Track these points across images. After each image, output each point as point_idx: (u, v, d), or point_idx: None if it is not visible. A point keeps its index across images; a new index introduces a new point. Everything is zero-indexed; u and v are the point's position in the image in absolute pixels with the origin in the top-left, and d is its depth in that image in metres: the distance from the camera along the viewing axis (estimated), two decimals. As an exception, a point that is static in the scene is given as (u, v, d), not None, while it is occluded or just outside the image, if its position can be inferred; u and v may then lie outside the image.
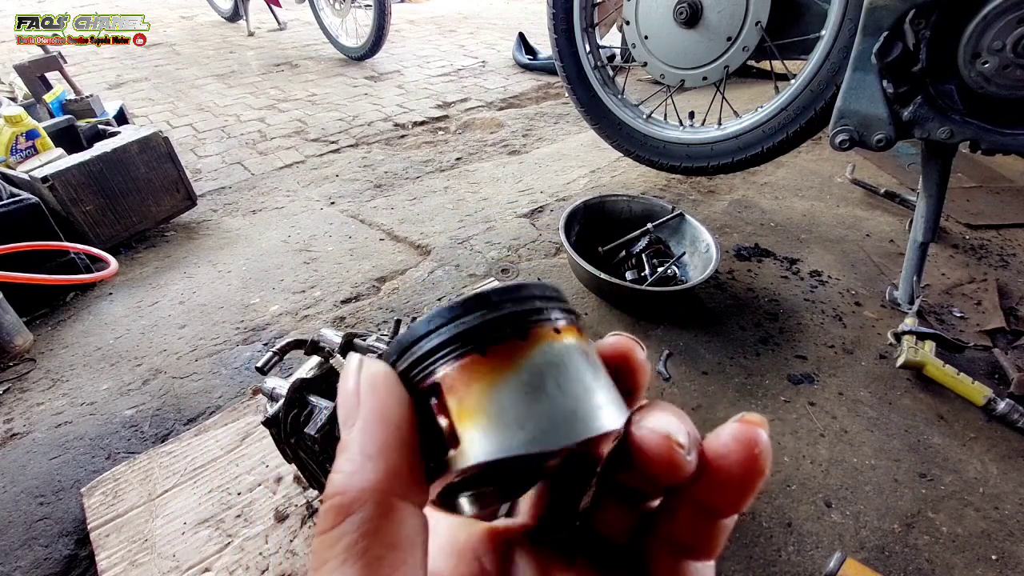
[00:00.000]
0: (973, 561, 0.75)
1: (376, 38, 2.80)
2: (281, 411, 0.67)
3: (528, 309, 0.17)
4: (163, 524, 0.76)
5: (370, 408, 0.16)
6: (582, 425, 0.15)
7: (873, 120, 0.97)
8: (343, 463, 0.15)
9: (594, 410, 0.16)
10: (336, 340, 0.75)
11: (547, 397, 0.16)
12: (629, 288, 1.12)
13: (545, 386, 0.16)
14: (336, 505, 0.15)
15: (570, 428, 0.15)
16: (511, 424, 0.15)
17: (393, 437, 0.16)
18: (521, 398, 0.16)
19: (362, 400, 0.16)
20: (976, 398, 0.95)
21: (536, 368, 0.16)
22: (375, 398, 0.16)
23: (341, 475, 0.15)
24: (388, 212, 1.60)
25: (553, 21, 1.56)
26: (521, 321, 0.17)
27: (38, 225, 1.19)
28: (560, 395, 0.16)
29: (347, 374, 0.17)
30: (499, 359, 0.16)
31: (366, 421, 0.16)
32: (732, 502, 0.17)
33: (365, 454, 0.15)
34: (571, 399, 0.16)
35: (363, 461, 0.15)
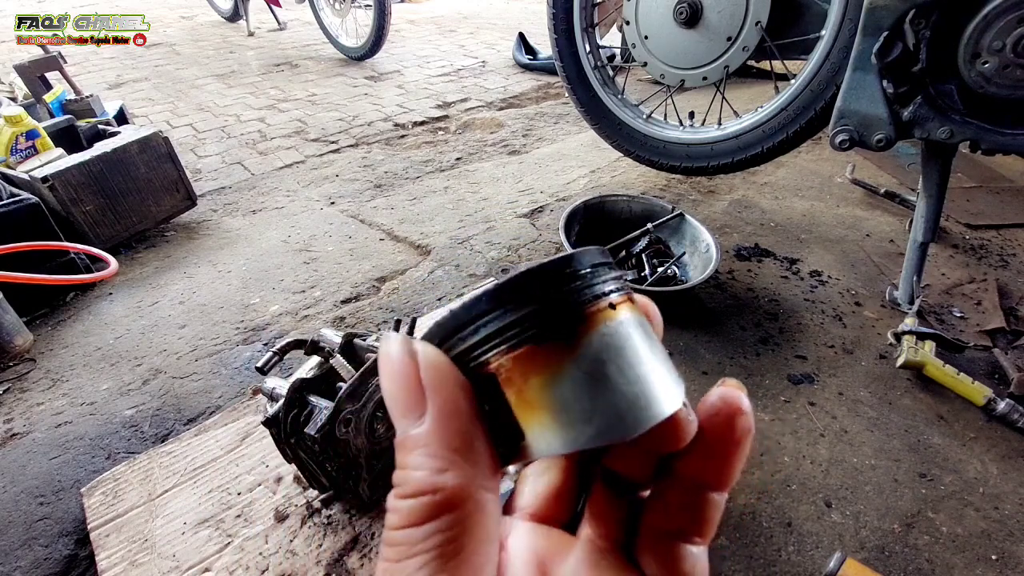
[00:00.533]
0: (973, 561, 0.75)
1: (376, 38, 2.80)
2: (281, 411, 0.67)
3: (582, 287, 0.16)
4: (163, 524, 0.76)
5: (443, 400, 0.15)
6: (646, 412, 0.15)
7: (873, 120, 0.97)
8: (424, 459, 0.15)
9: (656, 393, 0.15)
10: (336, 340, 0.75)
11: (610, 386, 0.15)
12: (629, 288, 1.12)
13: (607, 374, 0.15)
14: (428, 503, 0.14)
15: (636, 417, 0.15)
16: (576, 419, 0.15)
17: (471, 430, 0.15)
18: (584, 390, 0.15)
19: (431, 391, 0.15)
20: (976, 398, 0.95)
21: (596, 355, 0.15)
22: (445, 389, 0.15)
23: (427, 473, 0.14)
24: (388, 212, 1.60)
25: (553, 21, 1.56)
26: (577, 304, 0.16)
27: (38, 225, 1.19)
28: (623, 381, 0.15)
29: (393, 359, 0.16)
30: (557, 348, 0.15)
31: (442, 414, 0.15)
32: (721, 471, 0.17)
33: (451, 449, 0.15)
34: (634, 384, 0.15)
35: (451, 457, 0.15)
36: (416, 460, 0.15)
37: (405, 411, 0.15)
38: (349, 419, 0.67)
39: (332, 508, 0.77)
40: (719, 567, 0.74)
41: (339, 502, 0.78)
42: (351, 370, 0.71)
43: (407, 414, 0.15)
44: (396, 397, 0.16)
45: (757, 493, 0.83)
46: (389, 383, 0.16)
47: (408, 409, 0.15)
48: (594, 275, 0.16)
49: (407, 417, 0.15)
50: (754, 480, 0.85)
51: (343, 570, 0.71)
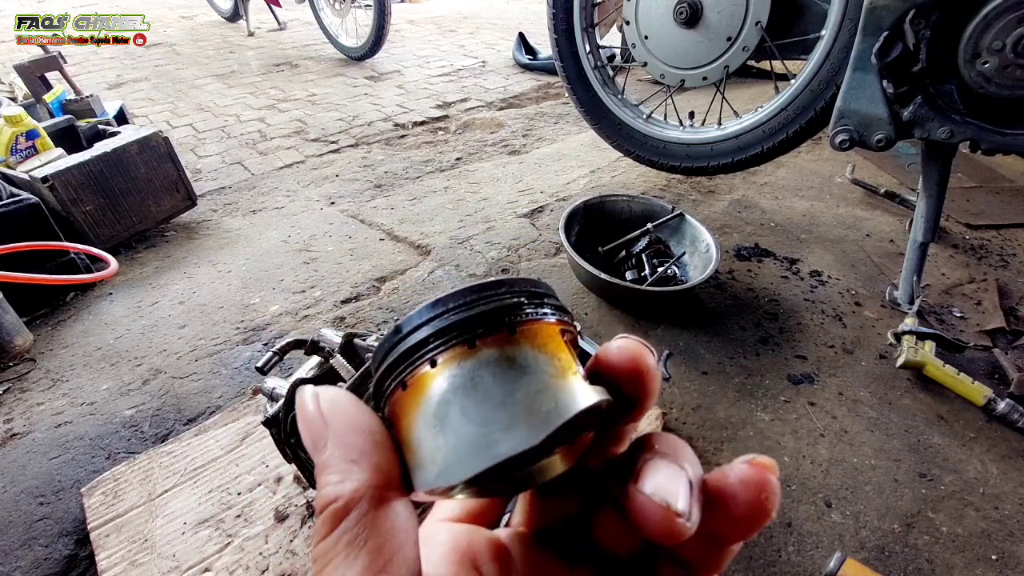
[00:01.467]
0: (973, 561, 0.75)
1: (376, 38, 2.80)
2: (281, 411, 0.67)
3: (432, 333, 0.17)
4: (163, 524, 0.76)
5: (340, 422, 0.16)
6: (483, 453, 0.15)
7: (873, 120, 0.97)
8: (328, 477, 0.16)
9: (500, 432, 0.15)
10: (336, 340, 0.75)
11: (450, 428, 0.16)
12: (629, 288, 1.12)
13: (448, 415, 0.16)
14: (332, 512, 0.15)
15: (473, 457, 0.15)
16: (426, 459, 0.16)
17: (369, 442, 0.16)
18: (430, 431, 0.16)
19: (328, 419, 0.16)
20: (976, 398, 0.95)
21: (443, 396, 0.16)
22: (343, 414, 0.17)
23: (330, 487, 0.15)
24: (388, 212, 1.60)
25: (553, 21, 1.56)
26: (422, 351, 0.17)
27: (38, 225, 1.19)
28: (464, 423, 0.15)
29: (305, 405, 0.17)
30: (413, 392, 0.17)
31: (338, 434, 0.16)
32: (738, 535, 0.17)
33: (348, 460, 0.16)
34: (474, 426, 0.15)
35: (347, 467, 0.16)
36: (322, 480, 0.16)
37: (315, 444, 0.16)
38: (349, 419, 0.67)
39: (332, 508, 0.77)
40: (719, 567, 0.74)
41: (339, 502, 0.78)
42: (351, 370, 0.71)
43: (316, 446, 0.16)
44: (307, 435, 0.17)
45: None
46: (302, 425, 0.17)
47: (316, 441, 0.16)
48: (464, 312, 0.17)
49: (317, 449, 0.16)
50: (754, 480, 0.85)
51: (343, 570, 0.71)
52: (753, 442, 0.91)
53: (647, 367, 0.19)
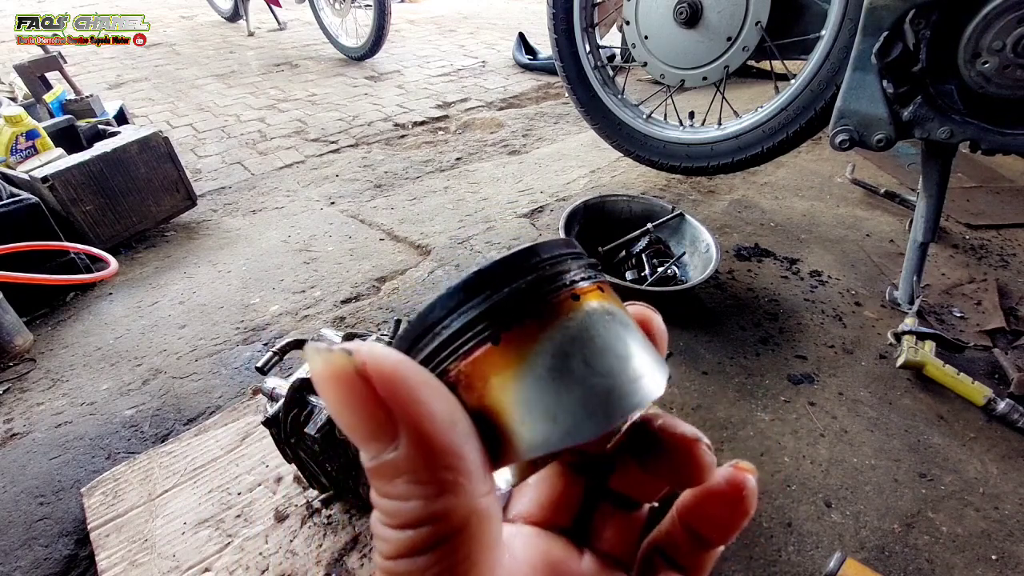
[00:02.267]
0: (973, 561, 0.75)
1: (376, 38, 2.80)
2: (281, 411, 0.67)
3: (539, 278, 0.15)
4: (163, 524, 0.76)
5: (416, 418, 0.13)
6: (617, 406, 0.14)
7: (873, 120, 0.97)
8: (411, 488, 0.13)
9: (630, 383, 0.15)
10: (336, 340, 0.75)
11: (575, 381, 0.14)
12: (629, 288, 1.12)
13: (572, 368, 0.14)
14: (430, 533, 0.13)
15: (605, 412, 0.14)
16: (540, 419, 0.14)
17: (456, 440, 0.13)
18: (547, 387, 0.14)
19: (399, 408, 0.13)
20: (976, 398, 0.95)
21: (558, 348, 0.14)
22: (417, 397, 0.13)
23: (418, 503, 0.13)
24: (388, 212, 1.60)
25: (553, 21, 1.56)
26: (533, 295, 0.15)
27: (38, 225, 1.19)
28: (590, 375, 0.14)
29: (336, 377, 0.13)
30: (515, 345, 0.14)
31: (418, 435, 0.13)
32: (721, 533, 0.19)
33: (439, 469, 0.13)
34: (602, 377, 0.14)
35: (441, 478, 0.13)
36: (401, 489, 0.13)
37: (369, 438, 0.13)
38: (349, 419, 0.67)
39: (332, 508, 0.77)
40: (719, 567, 0.74)
41: (339, 502, 0.78)
42: (351, 370, 0.70)
43: (373, 440, 0.13)
44: (354, 425, 0.13)
45: (757, 493, 0.83)
46: (340, 411, 0.13)
47: (373, 435, 0.13)
48: (558, 264, 0.16)
49: (375, 442, 0.13)
50: (754, 480, 0.85)
51: (343, 570, 0.71)
52: (753, 442, 0.91)
53: (658, 329, 0.20)
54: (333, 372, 0.13)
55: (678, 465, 0.18)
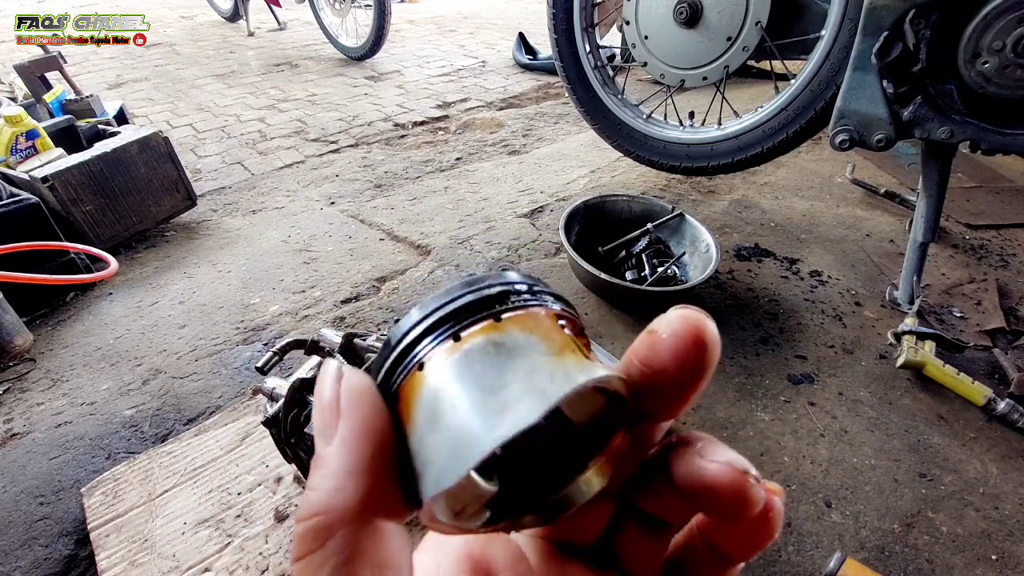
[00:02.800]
0: (973, 561, 0.75)
1: (376, 38, 2.80)
2: (281, 411, 0.67)
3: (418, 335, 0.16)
4: (163, 524, 0.76)
5: (353, 422, 0.15)
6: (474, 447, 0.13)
7: (873, 120, 0.97)
8: (320, 479, 0.14)
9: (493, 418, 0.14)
10: (336, 340, 0.75)
11: (443, 426, 0.14)
12: (629, 288, 1.12)
13: (440, 414, 0.15)
14: (316, 526, 0.14)
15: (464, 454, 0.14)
16: (425, 464, 0.15)
17: (376, 453, 0.15)
18: (426, 435, 0.15)
19: (344, 413, 0.15)
20: (976, 398, 0.95)
21: (433, 396, 0.15)
22: (359, 411, 0.15)
23: (319, 493, 0.14)
24: (388, 212, 1.60)
25: (553, 21, 1.56)
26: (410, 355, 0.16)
27: (38, 225, 1.19)
28: (455, 416, 0.14)
29: (324, 384, 0.16)
30: (407, 399, 0.16)
31: (349, 435, 0.15)
32: (745, 552, 0.18)
33: (346, 471, 0.14)
34: (465, 416, 0.14)
35: (344, 478, 0.14)
36: (315, 480, 0.14)
37: (321, 432, 0.15)
38: (349, 419, 0.67)
39: (332, 508, 0.77)
40: (719, 567, 0.74)
41: (339, 502, 0.78)
42: (351, 370, 0.71)
43: (322, 434, 0.15)
44: (318, 418, 0.15)
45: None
46: (316, 404, 0.16)
47: (323, 430, 0.15)
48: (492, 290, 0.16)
49: (321, 438, 0.15)
50: (754, 480, 0.85)
51: (343, 570, 0.71)
52: (753, 442, 0.91)
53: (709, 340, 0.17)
54: (323, 375, 0.16)
55: (721, 498, 0.16)
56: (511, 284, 0.17)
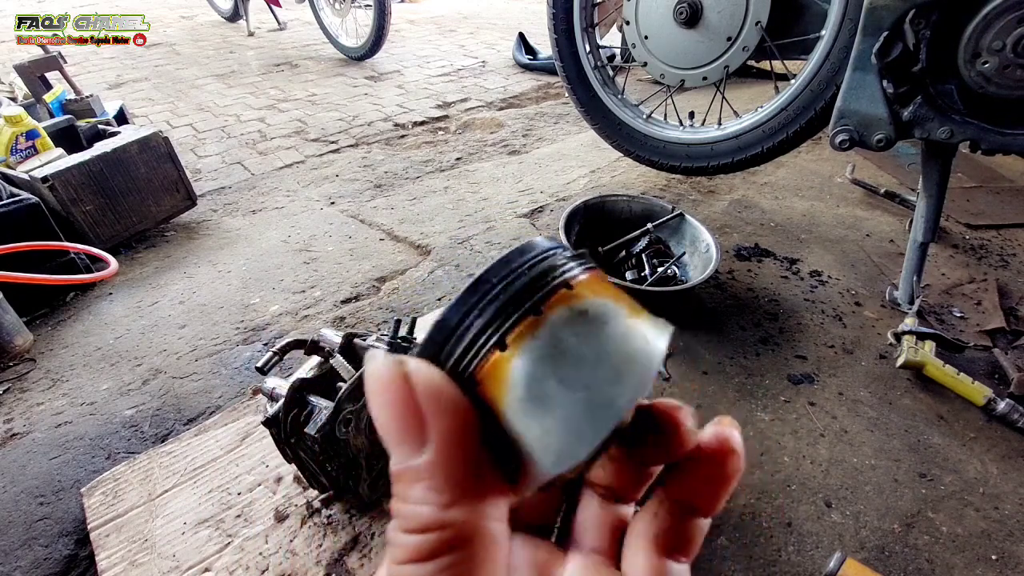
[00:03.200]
0: (973, 561, 0.75)
1: (376, 38, 2.80)
2: (281, 411, 0.67)
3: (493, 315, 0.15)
4: (163, 524, 0.76)
5: (446, 428, 0.14)
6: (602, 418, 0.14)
7: (873, 120, 0.97)
8: (428, 494, 0.14)
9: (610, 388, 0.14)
10: (336, 340, 0.75)
11: (555, 405, 0.14)
12: (629, 288, 1.12)
13: (546, 394, 0.14)
14: (436, 541, 0.13)
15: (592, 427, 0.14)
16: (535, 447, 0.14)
17: (476, 459, 0.14)
18: (530, 418, 0.14)
19: (432, 418, 0.14)
20: (976, 398, 0.95)
21: (530, 377, 0.14)
22: (448, 416, 0.14)
23: (431, 508, 0.14)
24: (388, 212, 1.60)
25: (553, 21, 1.56)
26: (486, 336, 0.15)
27: (38, 225, 1.19)
28: (568, 393, 0.14)
29: (383, 381, 0.14)
30: (490, 383, 0.15)
31: (445, 445, 0.14)
32: (710, 499, 0.19)
33: (455, 482, 0.14)
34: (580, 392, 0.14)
35: (456, 491, 0.14)
36: (419, 494, 0.14)
37: (402, 440, 0.14)
38: (349, 419, 0.67)
39: (332, 508, 0.77)
40: (719, 567, 0.74)
41: (339, 502, 0.78)
42: (351, 370, 0.71)
43: (405, 443, 0.14)
44: (391, 426, 0.14)
45: (757, 493, 0.83)
46: (381, 410, 0.14)
47: (406, 438, 0.14)
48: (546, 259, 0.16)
49: (405, 447, 0.14)
50: (754, 480, 0.85)
51: (343, 570, 0.71)
52: (753, 442, 0.91)
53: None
54: (383, 375, 0.14)
55: (660, 438, 0.18)
56: (557, 250, 0.17)
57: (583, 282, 0.16)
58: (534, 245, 0.17)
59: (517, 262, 0.16)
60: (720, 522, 0.79)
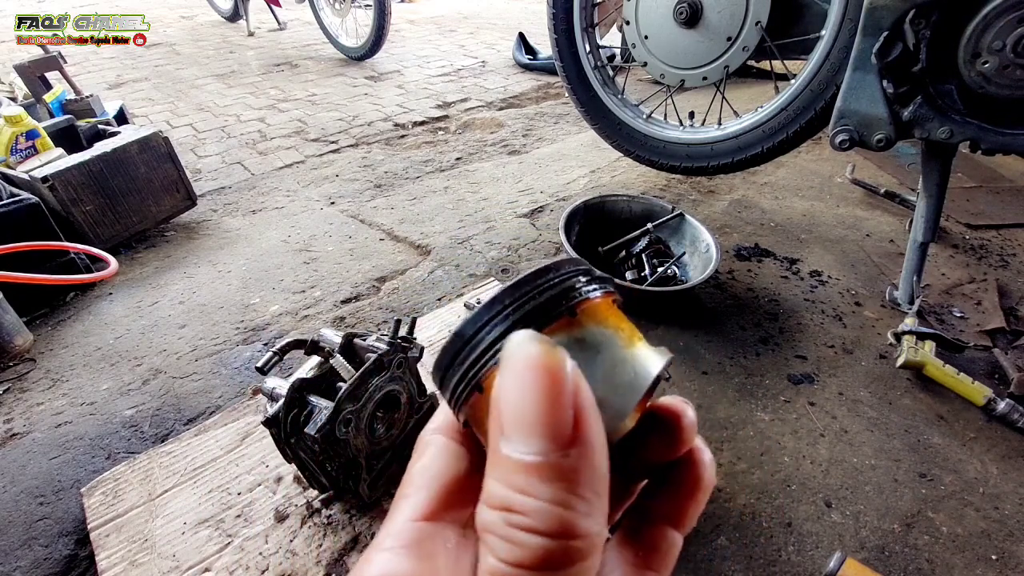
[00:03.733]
0: (973, 561, 0.75)
1: (376, 38, 2.80)
2: (281, 411, 0.67)
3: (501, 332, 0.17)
4: (163, 524, 0.76)
5: (596, 434, 0.14)
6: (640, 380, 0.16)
7: (873, 120, 0.97)
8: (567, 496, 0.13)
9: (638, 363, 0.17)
10: (336, 340, 0.75)
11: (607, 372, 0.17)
12: (629, 288, 1.12)
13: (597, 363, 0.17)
14: (565, 547, 0.13)
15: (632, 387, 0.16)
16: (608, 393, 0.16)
17: (606, 474, 0.14)
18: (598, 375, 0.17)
19: (586, 421, 0.14)
20: (976, 398, 0.95)
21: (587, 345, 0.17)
22: (599, 428, 0.14)
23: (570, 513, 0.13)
24: (388, 212, 1.60)
25: (553, 21, 1.56)
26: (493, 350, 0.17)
27: (38, 225, 1.19)
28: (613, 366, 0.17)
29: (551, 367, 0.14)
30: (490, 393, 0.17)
31: (593, 451, 0.14)
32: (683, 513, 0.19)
33: (594, 491, 0.13)
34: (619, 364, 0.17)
35: (593, 501, 0.13)
36: (556, 494, 0.13)
37: (548, 433, 0.13)
38: (349, 419, 0.67)
39: (332, 508, 0.77)
40: (719, 567, 0.74)
41: (339, 502, 0.78)
42: (351, 370, 0.71)
43: (549, 436, 0.13)
44: (539, 411, 0.13)
45: (757, 493, 0.83)
46: (531, 393, 0.14)
47: (555, 432, 0.13)
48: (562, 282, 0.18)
49: (548, 440, 0.13)
50: (754, 480, 0.85)
51: (343, 570, 0.71)
52: (753, 442, 0.91)
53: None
54: (545, 362, 0.14)
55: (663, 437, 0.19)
56: (575, 273, 0.18)
57: (588, 309, 0.17)
58: (550, 268, 0.18)
59: (532, 284, 0.17)
60: (720, 522, 0.79)
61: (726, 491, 0.84)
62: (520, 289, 0.17)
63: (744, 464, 0.87)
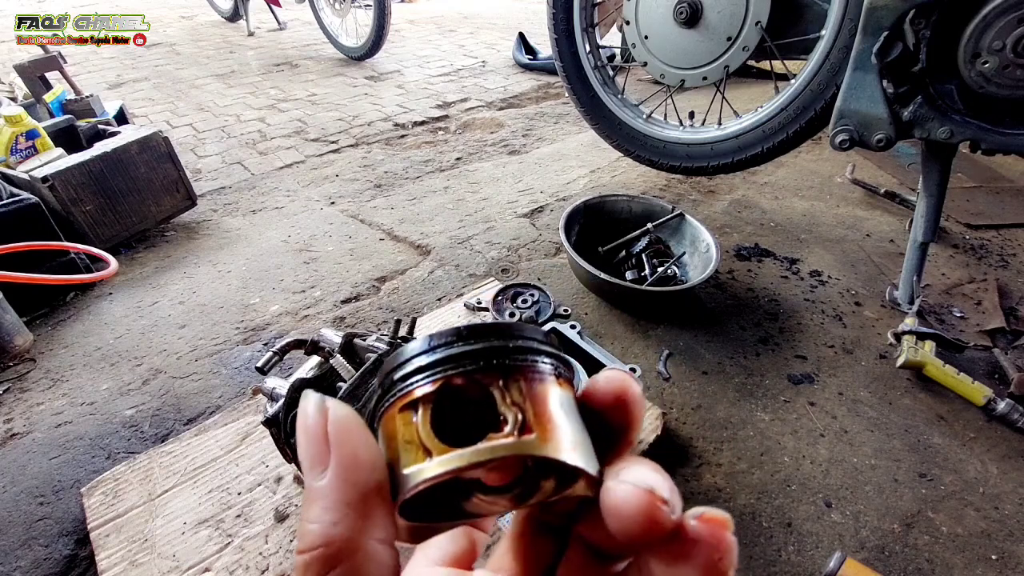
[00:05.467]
0: (973, 561, 0.75)
1: (376, 38, 2.80)
2: (281, 411, 0.67)
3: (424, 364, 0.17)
4: (163, 524, 0.76)
5: (346, 452, 0.16)
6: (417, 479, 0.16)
7: (873, 120, 0.97)
8: (320, 512, 0.15)
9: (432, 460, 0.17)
10: (336, 340, 0.75)
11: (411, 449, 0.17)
12: (629, 288, 1.12)
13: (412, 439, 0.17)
14: (321, 557, 0.14)
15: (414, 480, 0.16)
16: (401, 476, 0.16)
17: (368, 483, 0.16)
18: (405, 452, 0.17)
19: (334, 445, 0.16)
20: (976, 398, 0.95)
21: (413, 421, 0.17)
22: (350, 442, 0.16)
23: (321, 526, 0.15)
24: (388, 212, 1.60)
25: (553, 21, 1.56)
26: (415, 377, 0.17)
27: (38, 225, 1.19)
28: None
29: (308, 417, 0.16)
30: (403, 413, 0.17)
31: (342, 467, 0.15)
32: None
33: (344, 502, 0.15)
34: None
35: (343, 510, 0.15)
36: (313, 513, 0.15)
37: (311, 465, 0.16)
38: (349, 419, 0.67)
39: (332, 508, 0.77)
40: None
41: (339, 502, 0.78)
42: (351, 370, 0.71)
43: (312, 468, 0.16)
44: (304, 451, 0.16)
45: (757, 493, 0.83)
46: (301, 438, 0.16)
47: (314, 463, 0.16)
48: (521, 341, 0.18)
49: (312, 471, 0.16)
50: (754, 480, 0.85)
51: (343, 570, 0.71)
52: (753, 442, 0.91)
53: (633, 397, 0.18)
54: (307, 410, 0.16)
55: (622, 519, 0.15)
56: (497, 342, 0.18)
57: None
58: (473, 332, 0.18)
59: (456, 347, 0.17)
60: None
61: (726, 491, 0.84)
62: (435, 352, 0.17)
63: (744, 464, 0.87)
